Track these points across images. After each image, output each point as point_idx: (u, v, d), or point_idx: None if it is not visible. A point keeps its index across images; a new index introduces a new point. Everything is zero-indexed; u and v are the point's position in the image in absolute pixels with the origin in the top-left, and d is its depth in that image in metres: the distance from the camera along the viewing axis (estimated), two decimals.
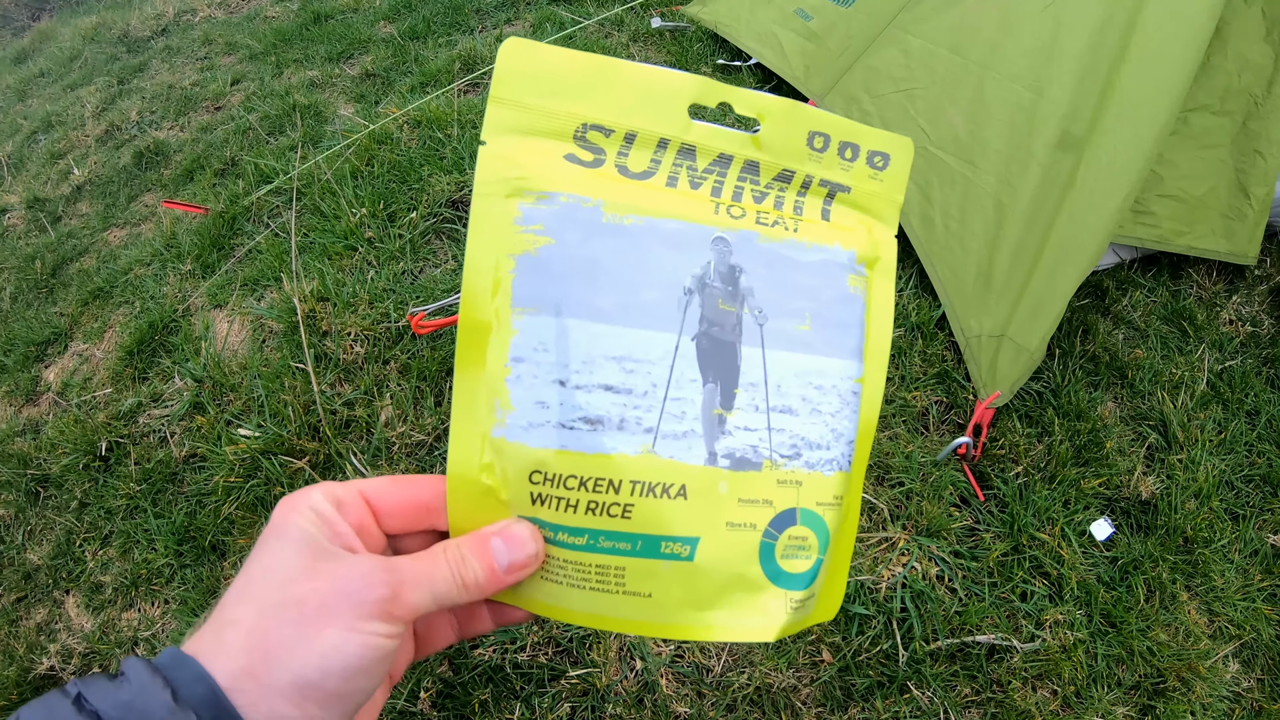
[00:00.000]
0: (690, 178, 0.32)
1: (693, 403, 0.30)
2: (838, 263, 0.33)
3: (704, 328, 0.30)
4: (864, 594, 0.97)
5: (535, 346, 0.29)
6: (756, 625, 0.31)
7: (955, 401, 1.12)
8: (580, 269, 0.29)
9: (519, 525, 0.29)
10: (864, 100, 1.35)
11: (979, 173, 1.18)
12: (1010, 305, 1.12)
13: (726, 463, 0.30)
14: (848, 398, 0.33)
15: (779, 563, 0.31)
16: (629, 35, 1.93)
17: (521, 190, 0.29)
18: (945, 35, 1.30)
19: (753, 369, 0.31)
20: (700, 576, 0.30)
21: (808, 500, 0.32)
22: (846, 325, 0.33)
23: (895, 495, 1.05)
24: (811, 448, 0.32)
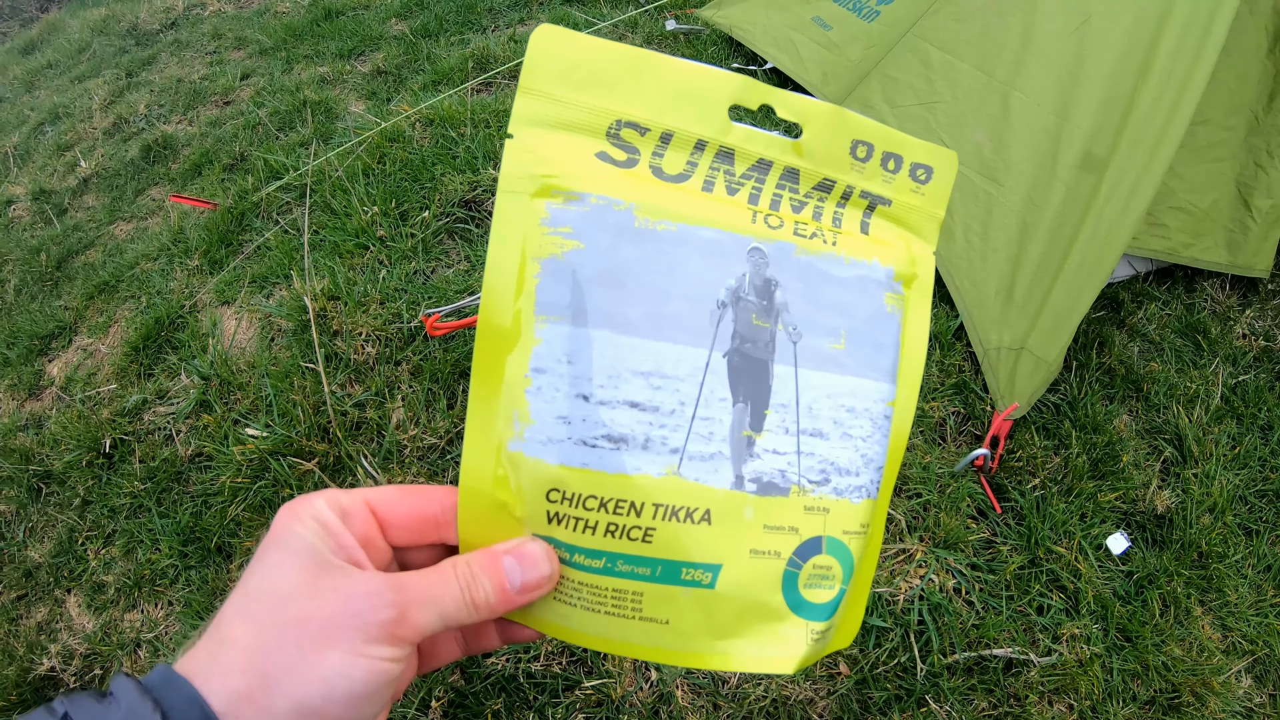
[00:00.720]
0: (728, 183, 0.30)
1: (721, 423, 0.29)
2: (875, 279, 0.31)
3: (736, 344, 0.29)
4: (882, 606, 0.95)
5: (558, 357, 0.27)
6: (776, 656, 0.29)
7: (973, 413, 1.10)
8: (609, 276, 0.28)
9: (534, 544, 0.27)
10: (883, 110, 1.34)
11: (1004, 191, 1.17)
12: (1031, 319, 1.11)
13: (753, 487, 0.29)
14: (879, 421, 0.31)
15: (802, 592, 0.30)
16: (643, 38, 1.91)
17: (550, 189, 0.28)
18: (968, 50, 1.29)
19: (784, 389, 0.29)
20: (720, 604, 0.28)
21: (834, 528, 0.30)
22: (881, 345, 0.31)
23: (913, 507, 1.03)
24: (841, 474, 0.30)
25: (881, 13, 1.45)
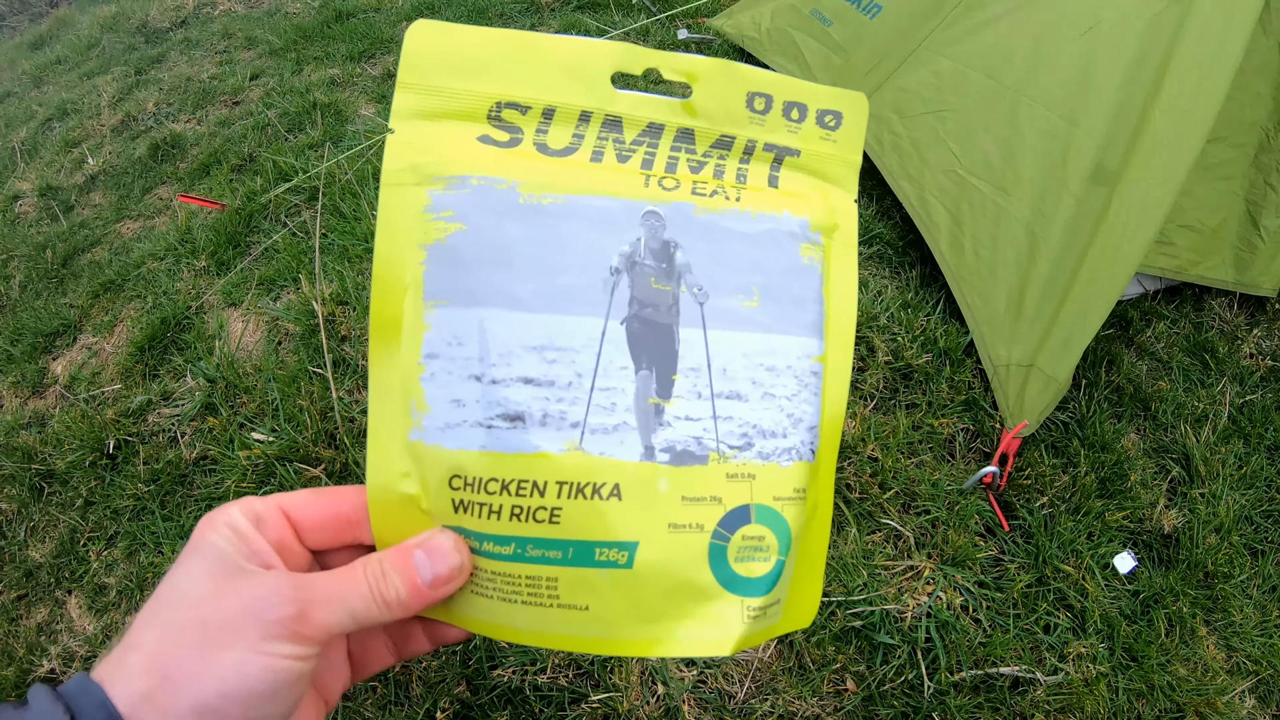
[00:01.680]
0: (618, 151, 0.29)
1: (624, 392, 0.27)
2: (787, 231, 0.30)
3: (635, 310, 0.28)
4: (889, 624, 0.94)
5: (449, 341, 0.26)
6: (711, 638, 0.27)
7: (982, 430, 1.09)
8: (495, 255, 0.27)
9: (442, 536, 0.26)
10: (894, 121, 1.32)
11: (1012, 201, 1.15)
12: (1040, 335, 1.09)
13: (666, 457, 0.27)
14: (806, 379, 0.29)
15: (733, 567, 0.28)
16: (654, 46, 1.89)
17: (431, 176, 0.27)
18: (978, 58, 1.28)
19: (693, 352, 0.28)
20: (642, 585, 0.26)
21: (763, 495, 0.28)
22: (802, 299, 0.30)
23: (921, 524, 1.01)
24: (765, 436, 0.28)
25: (884, 7, 1.42)
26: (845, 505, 1.00)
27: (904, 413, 1.08)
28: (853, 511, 1.00)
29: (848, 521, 1.00)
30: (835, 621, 0.93)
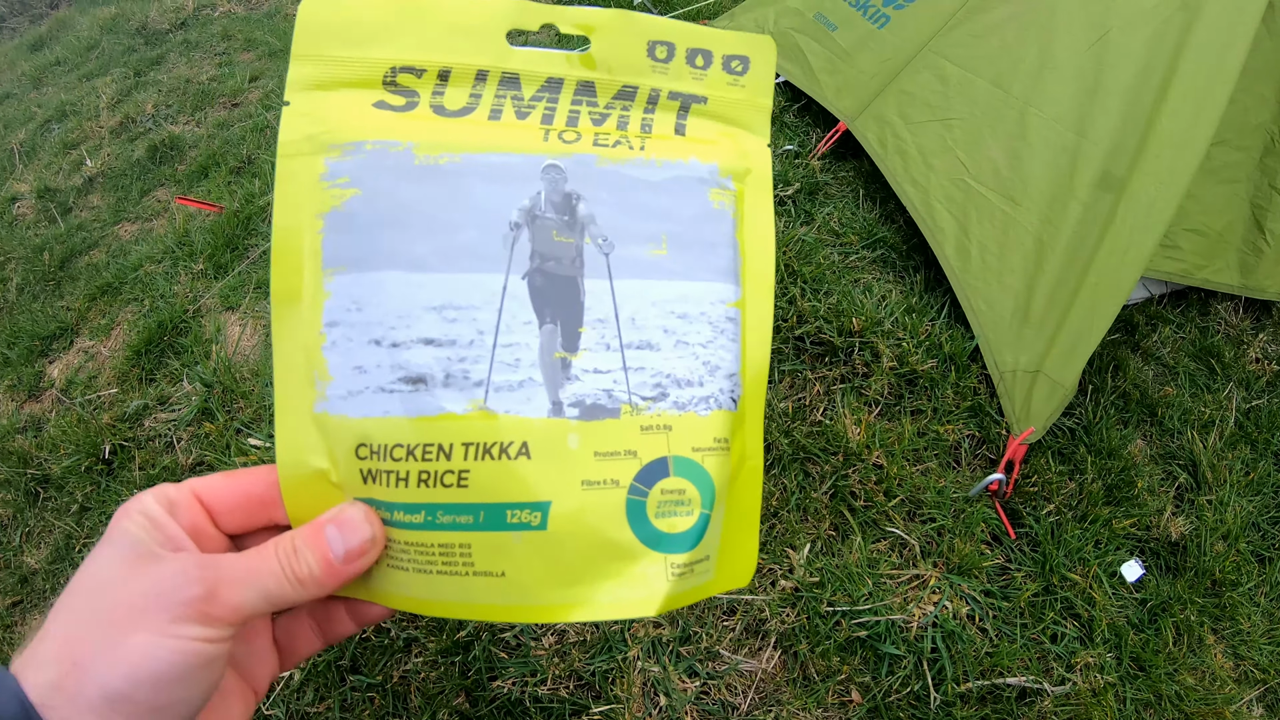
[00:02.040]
0: (516, 108, 0.28)
1: (528, 348, 0.26)
2: (696, 177, 0.29)
3: (536, 264, 0.27)
4: (895, 634, 0.92)
5: (349, 307, 0.26)
6: (634, 597, 0.26)
7: (988, 436, 1.07)
8: (391, 217, 0.26)
9: (352, 508, 0.26)
10: (898, 125, 1.30)
11: (1020, 210, 1.13)
12: (1047, 341, 1.07)
13: (575, 412, 0.26)
14: (722, 325, 0.29)
15: (654, 523, 0.26)
16: None
17: (327, 145, 0.26)
18: (985, 65, 1.26)
19: (600, 303, 0.27)
20: (558, 547, 0.26)
21: (681, 446, 0.27)
22: (713, 244, 0.29)
23: (927, 531, 0.99)
24: (680, 385, 0.27)
25: (891, 18, 1.41)
26: (850, 513, 0.99)
27: (909, 419, 1.06)
28: (857, 520, 0.98)
29: (852, 530, 0.98)
30: (840, 631, 0.91)
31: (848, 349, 1.10)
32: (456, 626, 0.90)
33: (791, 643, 0.90)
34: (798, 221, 1.30)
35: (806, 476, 1.00)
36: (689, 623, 0.91)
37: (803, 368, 1.10)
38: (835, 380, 1.09)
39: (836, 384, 1.08)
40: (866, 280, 1.22)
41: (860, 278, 1.22)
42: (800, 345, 1.11)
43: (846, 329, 1.10)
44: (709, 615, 0.92)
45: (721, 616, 0.92)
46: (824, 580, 0.94)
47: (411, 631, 0.91)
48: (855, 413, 1.04)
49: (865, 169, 1.41)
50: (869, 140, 1.33)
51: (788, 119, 1.53)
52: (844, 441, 1.00)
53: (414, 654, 0.90)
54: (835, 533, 0.98)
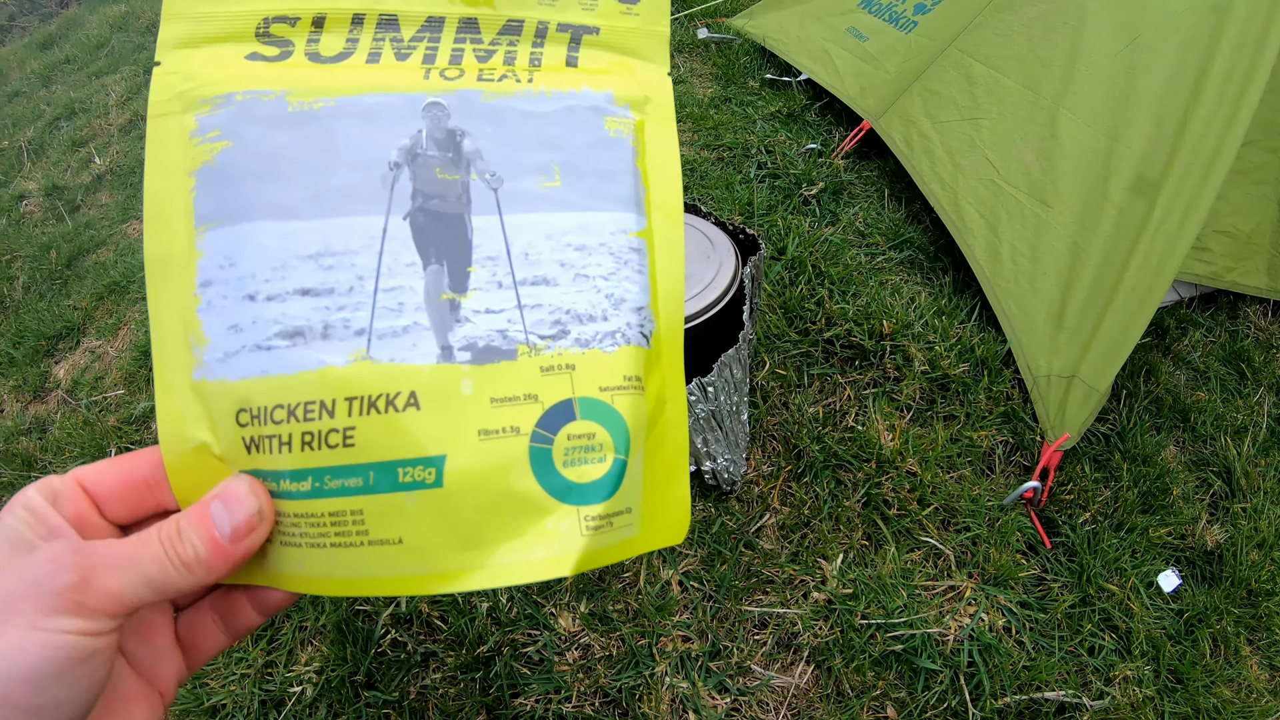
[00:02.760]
0: (396, 50, 0.27)
1: (413, 291, 0.24)
2: (589, 106, 0.27)
3: (419, 203, 0.25)
4: (931, 647, 0.87)
5: (221, 264, 0.24)
6: (546, 557, 0.24)
7: (1022, 443, 1.02)
8: (263, 167, 0.24)
9: (236, 481, 0.23)
10: (924, 125, 1.26)
11: (1053, 213, 1.09)
12: (1082, 346, 1.03)
13: (467, 356, 0.24)
14: (625, 255, 0.27)
15: (562, 472, 0.24)
16: (674, 45, 1.83)
17: (197, 101, 0.25)
18: (1013, 65, 1.21)
19: (490, 240, 0.26)
20: (457, 505, 0.23)
21: (587, 387, 0.25)
22: (611, 172, 0.27)
23: (962, 541, 0.95)
24: (582, 321, 0.25)
25: (919, 23, 1.37)
26: (884, 522, 0.94)
27: (942, 424, 1.01)
28: (891, 529, 0.93)
29: (886, 540, 0.93)
30: (875, 645, 0.86)
31: (878, 352, 1.05)
32: (476, 641, 0.84)
33: (825, 657, 0.85)
34: (823, 222, 1.25)
35: (839, 484, 0.95)
36: (719, 637, 0.86)
37: (832, 371, 1.05)
38: (866, 385, 1.04)
39: (867, 388, 1.03)
40: (894, 282, 1.17)
41: (888, 279, 1.17)
42: (830, 348, 1.06)
43: (877, 332, 1.05)
44: (739, 629, 0.87)
45: (753, 630, 0.87)
46: (857, 592, 0.89)
47: (429, 645, 0.85)
48: (887, 418, 0.99)
49: (890, 168, 1.36)
50: (894, 139, 1.28)
51: (809, 117, 1.49)
52: (877, 448, 0.95)
53: (432, 669, 0.85)
54: (868, 542, 0.93)
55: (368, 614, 0.88)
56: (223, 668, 0.91)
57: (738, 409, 0.89)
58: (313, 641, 0.90)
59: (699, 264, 0.86)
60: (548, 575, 0.23)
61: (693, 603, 0.87)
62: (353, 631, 0.86)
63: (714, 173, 1.37)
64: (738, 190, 1.30)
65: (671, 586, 0.88)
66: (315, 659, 0.87)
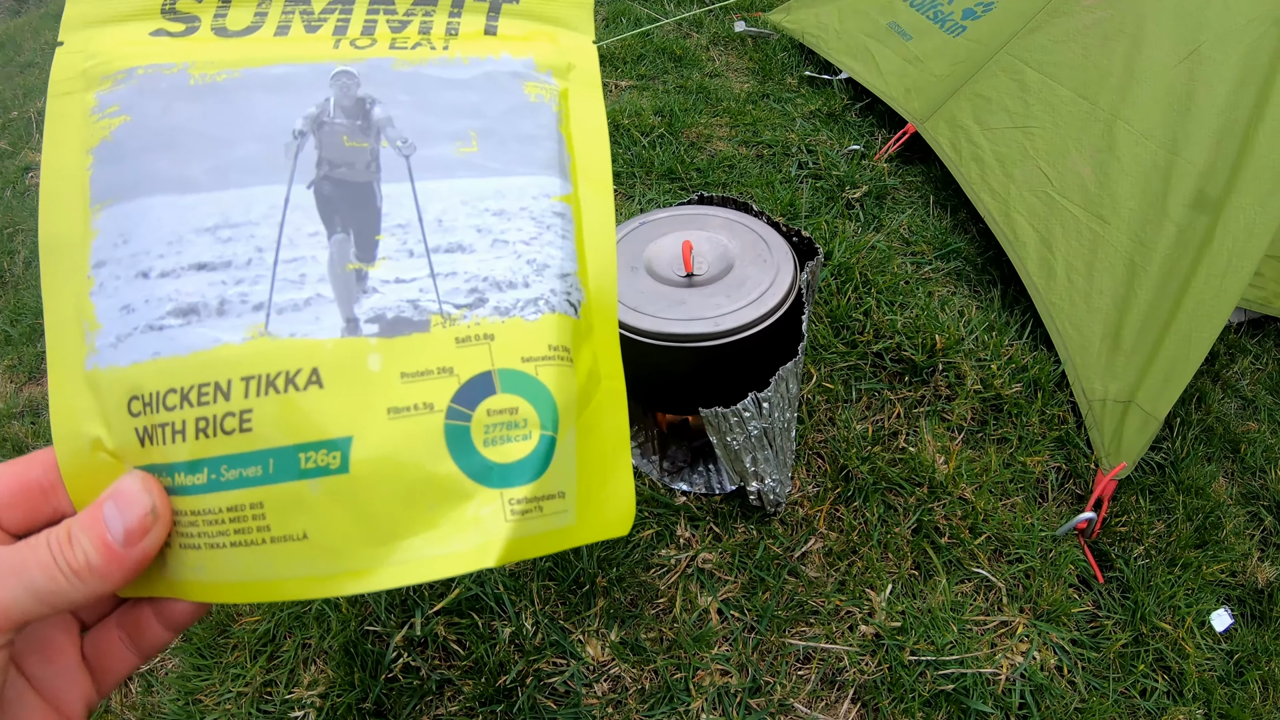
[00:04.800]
0: (306, 22, 0.25)
1: (316, 261, 0.22)
2: (508, 72, 0.26)
3: (324, 171, 0.23)
4: (982, 686, 0.77)
5: (116, 242, 0.22)
6: (467, 547, 0.20)
7: (1075, 470, 0.92)
8: (163, 140, 0.22)
9: (128, 478, 0.20)
10: (974, 131, 1.15)
11: (1110, 229, 0.99)
12: (1139, 370, 0.93)
13: (374, 328, 0.21)
14: (548, 220, 0.24)
15: (482, 452, 0.21)
16: (708, 38, 1.69)
17: (99, 78, 0.23)
18: (1068, 74, 1.11)
19: (400, 208, 0.23)
20: (365, 492, 0.20)
21: (508, 358, 0.22)
22: (532, 137, 0.25)
23: (1015, 573, 0.84)
24: (501, 288, 0.23)
25: (968, 28, 1.25)
26: (934, 551, 0.83)
27: (994, 448, 0.90)
28: (941, 559, 0.83)
29: (936, 570, 0.82)
30: (924, 684, 0.76)
31: (929, 369, 0.94)
32: (497, 669, 0.73)
33: (872, 696, 0.75)
34: (868, 227, 1.13)
35: (888, 509, 0.84)
36: (760, 671, 0.75)
37: (881, 387, 0.94)
38: (916, 402, 0.93)
39: (917, 407, 0.92)
40: (941, 294, 1.07)
41: (935, 290, 1.06)
42: (879, 362, 0.95)
43: (928, 347, 0.94)
44: (781, 663, 0.76)
45: (796, 665, 0.76)
46: (906, 625, 0.79)
47: (445, 672, 0.74)
48: (939, 440, 0.88)
49: (935, 174, 1.25)
50: (940, 144, 1.17)
51: (850, 118, 1.37)
52: (930, 472, 0.84)
53: (448, 698, 0.73)
54: (918, 572, 0.83)
55: (378, 635, 0.76)
56: (218, 684, 0.80)
57: (788, 426, 0.78)
58: (316, 661, 0.78)
59: (754, 267, 0.75)
60: (469, 568, 0.20)
61: (733, 633, 0.77)
62: (361, 654, 0.75)
63: (753, 170, 1.26)
64: (779, 190, 1.18)
65: (710, 615, 0.77)
66: (319, 681, 0.76)
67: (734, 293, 0.71)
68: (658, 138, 1.31)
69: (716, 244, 0.78)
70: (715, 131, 1.34)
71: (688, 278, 0.75)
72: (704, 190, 1.18)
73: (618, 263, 0.76)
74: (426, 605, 0.77)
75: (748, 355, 0.73)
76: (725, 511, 0.83)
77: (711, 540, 0.83)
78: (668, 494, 0.85)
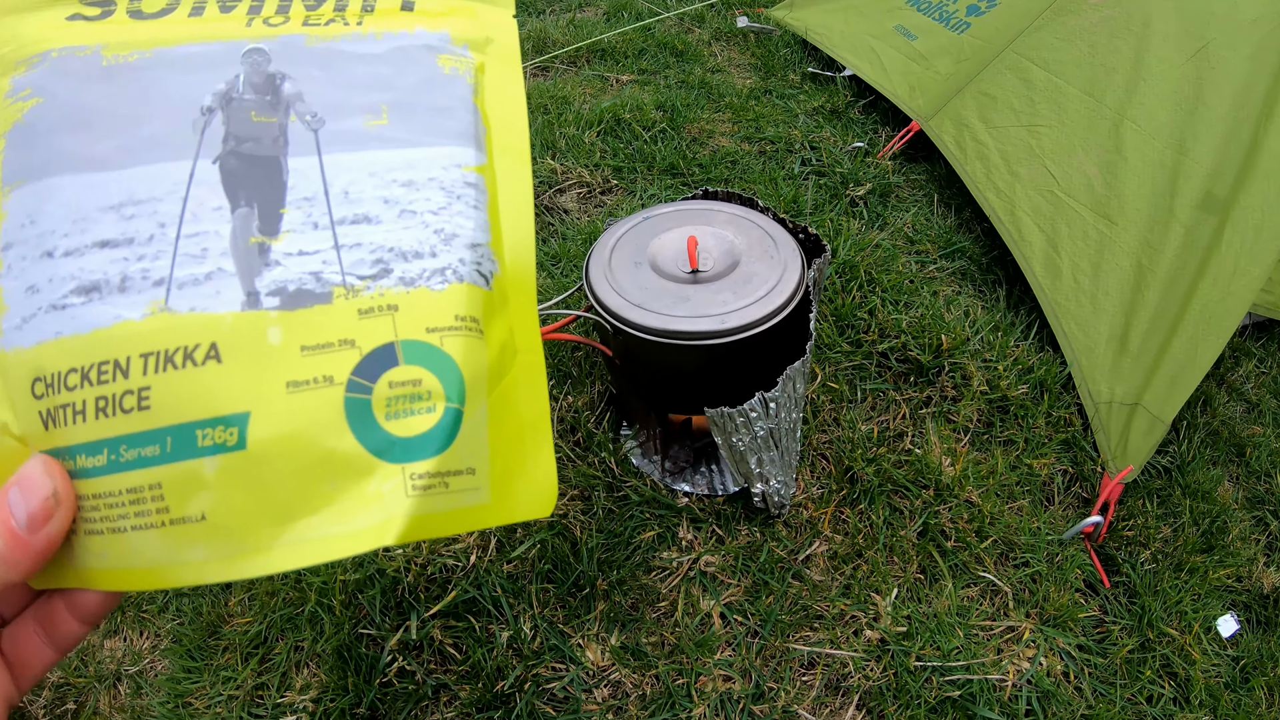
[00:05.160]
0: (221, 3, 0.25)
1: (218, 235, 0.22)
2: (422, 45, 0.25)
3: (230, 146, 0.23)
4: (989, 693, 0.75)
5: (23, 223, 0.21)
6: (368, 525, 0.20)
7: (1082, 473, 0.90)
8: (73, 120, 0.22)
9: (31, 463, 0.20)
10: (979, 129, 1.13)
11: (1116, 230, 0.97)
12: (1146, 372, 0.91)
13: (275, 301, 0.21)
14: (459, 190, 0.24)
15: (383, 426, 0.20)
16: (710, 33, 1.67)
17: (13, 63, 0.23)
18: (1073, 71, 1.09)
19: (306, 182, 0.23)
20: (263, 470, 0.19)
21: (411, 328, 0.21)
22: (445, 109, 0.25)
23: (1021, 578, 0.82)
24: (407, 258, 0.22)
25: (972, 25, 1.23)
26: (940, 555, 0.81)
27: (1000, 450, 0.88)
28: (947, 562, 0.81)
29: (942, 574, 0.80)
30: (930, 690, 0.74)
31: (935, 369, 0.92)
32: (495, 674, 0.71)
33: (877, 703, 0.73)
34: (873, 225, 1.11)
35: (894, 512, 0.82)
36: (763, 677, 0.73)
37: (886, 387, 0.92)
38: (921, 403, 0.91)
39: (923, 407, 0.90)
40: (946, 293, 1.04)
41: (939, 290, 1.04)
42: (884, 362, 0.93)
43: (934, 347, 0.92)
44: (785, 669, 0.74)
45: (800, 670, 0.74)
46: (912, 631, 0.76)
47: (441, 676, 0.71)
48: (945, 441, 0.86)
49: (939, 172, 1.23)
50: (945, 142, 1.15)
51: (853, 115, 1.35)
52: (936, 474, 0.82)
53: (444, 703, 0.71)
54: (923, 576, 0.80)
55: (372, 639, 0.74)
56: (208, 686, 0.77)
57: (794, 426, 0.75)
58: (309, 664, 0.75)
59: (761, 263, 0.72)
60: (370, 545, 0.20)
61: (735, 638, 0.74)
62: (355, 657, 0.72)
63: (756, 166, 1.23)
64: (782, 187, 1.16)
65: (713, 619, 0.75)
66: (312, 685, 0.73)
67: (740, 289, 0.69)
68: (659, 132, 1.28)
69: (722, 240, 0.75)
70: (718, 127, 1.32)
71: (693, 274, 0.72)
72: (707, 186, 1.16)
73: (621, 257, 0.74)
74: (422, 608, 0.75)
75: (754, 354, 0.71)
76: (728, 513, 0.81)
77: (714, 543, 0.81)
78: (669, 495, 0.83)
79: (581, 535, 0.78)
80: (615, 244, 0.76)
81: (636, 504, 0.80)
